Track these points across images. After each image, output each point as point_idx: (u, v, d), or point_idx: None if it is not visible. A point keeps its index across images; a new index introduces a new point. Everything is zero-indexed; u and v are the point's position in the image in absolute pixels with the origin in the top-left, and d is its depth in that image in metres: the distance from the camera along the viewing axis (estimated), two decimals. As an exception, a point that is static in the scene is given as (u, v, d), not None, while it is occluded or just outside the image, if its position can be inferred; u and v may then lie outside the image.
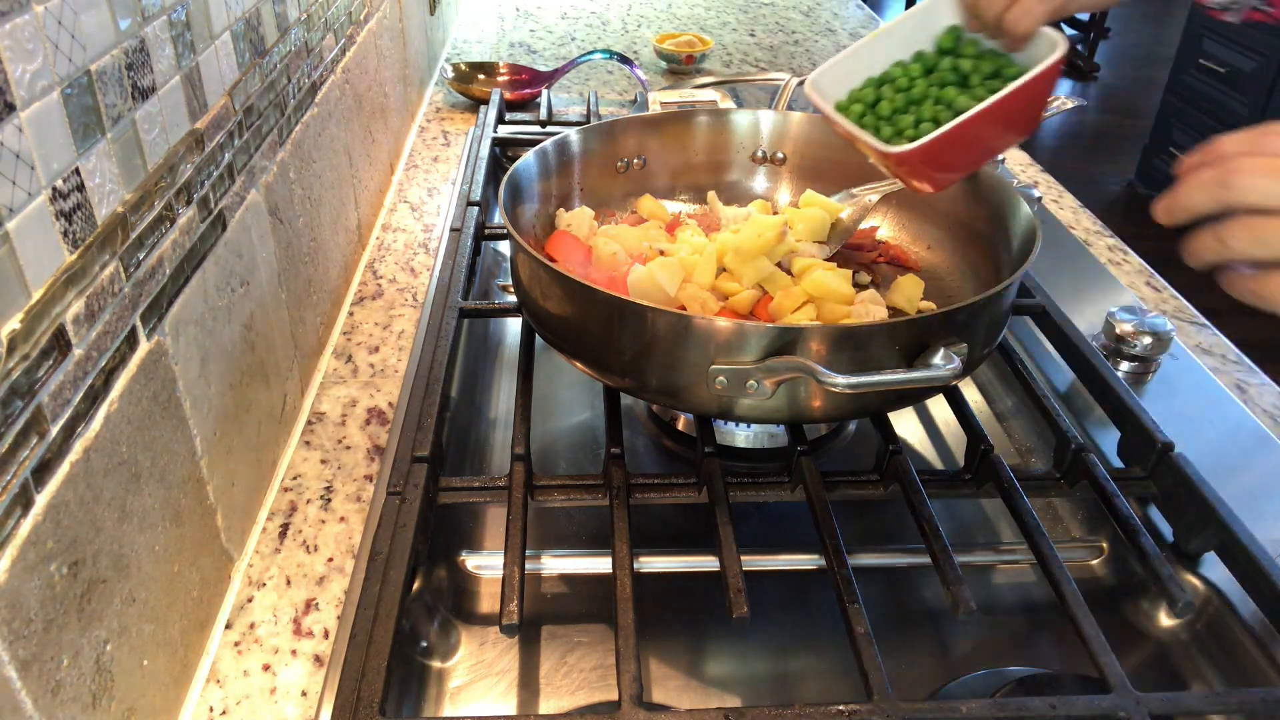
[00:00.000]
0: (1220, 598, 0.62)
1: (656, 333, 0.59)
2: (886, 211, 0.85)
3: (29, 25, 0.39)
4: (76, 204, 0.42)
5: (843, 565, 0.56)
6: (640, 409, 0.81)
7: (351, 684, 0.48)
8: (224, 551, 0.60)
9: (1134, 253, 1.04)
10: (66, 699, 0.41)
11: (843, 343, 0.57)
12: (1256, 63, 2.93)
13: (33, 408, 0.39)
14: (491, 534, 0.69)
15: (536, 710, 0.57)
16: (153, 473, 0.49)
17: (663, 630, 0.62)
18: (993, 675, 0.60)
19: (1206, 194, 0.45)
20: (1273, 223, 0.43)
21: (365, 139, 1.00)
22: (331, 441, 0.73)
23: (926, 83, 0.67)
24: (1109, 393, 0.71)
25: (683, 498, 0.64)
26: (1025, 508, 0.60)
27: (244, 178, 0.64)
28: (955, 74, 0.67)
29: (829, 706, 0.48)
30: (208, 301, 0.57)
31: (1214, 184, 0.45)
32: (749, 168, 0.90)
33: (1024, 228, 0.68)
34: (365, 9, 1.00)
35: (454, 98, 1.40)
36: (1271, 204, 0.43)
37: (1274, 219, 0.43)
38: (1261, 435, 0.75)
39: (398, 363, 0.82)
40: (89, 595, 0.43)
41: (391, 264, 0.97)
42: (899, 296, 0.73)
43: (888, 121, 0.67)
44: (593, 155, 0.84)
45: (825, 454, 0.76)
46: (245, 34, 0.64)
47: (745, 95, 1.38)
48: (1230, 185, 0.44)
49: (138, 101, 0.48)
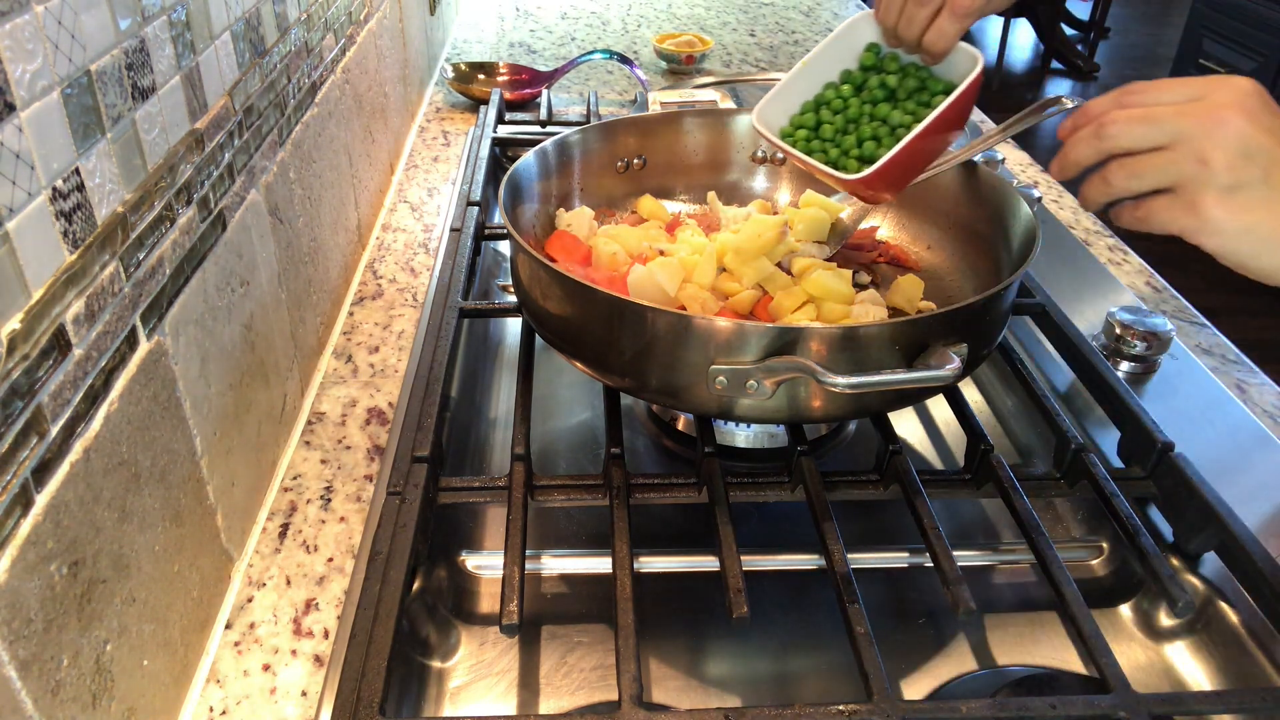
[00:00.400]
0: (1220, 598, 0.62)
1: (656, 333, 0.59)
2: (886, 211, 0.85)
3: (29, 25, 0.39)
4: (76, 204, 0.42)
5: (843, 565, 0.56)
6: (640, 409, 0.81)
7: (351, 684, 0.48)
8: (224, 551, 0.60)
9: (1134, 253, 1.04)
10: (66, 699, 0.41)
11: (843, 343, 0.57)
12: (1256, 63, 2.93)
13: (33, 408, 0.39)
14: (491, 534, 0.69)
15: (536, 710, 0.57)
16: (153, 473, 0.49)
17: (663, 630, 0.62)
18: (993, 675, 0.60)
19: (1087, 147, 0.55)
20: (1141, 160, 0.52)
21: (365, 139, 1.00)
22: (331, 441, 0.73)
23: (859, 101, 0.72)
24: (1109, 393, 0.71)
25: (683, 498, 0.64)
26: (1025, 508, 0.60)
27: (244, 178, 0.64)
28: (884, 90, 0.71)
29: (829, 706, 0.48)
30: (208, 301, 0.57)
31: (1091, 137, 0.54)
32: (749, 168, 0.90)
33: (1024, 228, 0.68)
34: (365, 9, 1.00)
35: (454, 98, 1.40)
36: (1138, 145, 0.52)
37: (1142, 157, 0.52)
38: (1261, 435, 0.75)
39: (398, 363, 0.82)
40: (89, 595, 0.43)
41: (391, 264, 0.97)
42: (899, 296, 0.73)
43: (833, 144, 0.71)
44: (593, 155, 0.84)
45: (825, 454, 0.76)
46: (245, 34, 0.64)
47: (745, 95, 1.38)
48: (1104, 135, 0.54)
49: (138, 101, 0.48)
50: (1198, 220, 0.51)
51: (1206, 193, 0.50)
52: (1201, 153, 0.50)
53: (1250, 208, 0.50)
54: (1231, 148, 0.49)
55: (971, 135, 1.26)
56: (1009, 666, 0.61)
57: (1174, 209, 0.52)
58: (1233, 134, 0.49)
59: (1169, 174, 0.51)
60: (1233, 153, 0.49)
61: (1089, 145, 0.55)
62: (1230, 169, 0.49)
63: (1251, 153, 0.49)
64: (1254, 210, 0.50)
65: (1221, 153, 0.49)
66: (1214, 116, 0.50)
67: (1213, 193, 0.50)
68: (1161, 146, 0.51)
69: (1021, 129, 0.70)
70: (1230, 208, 0.50)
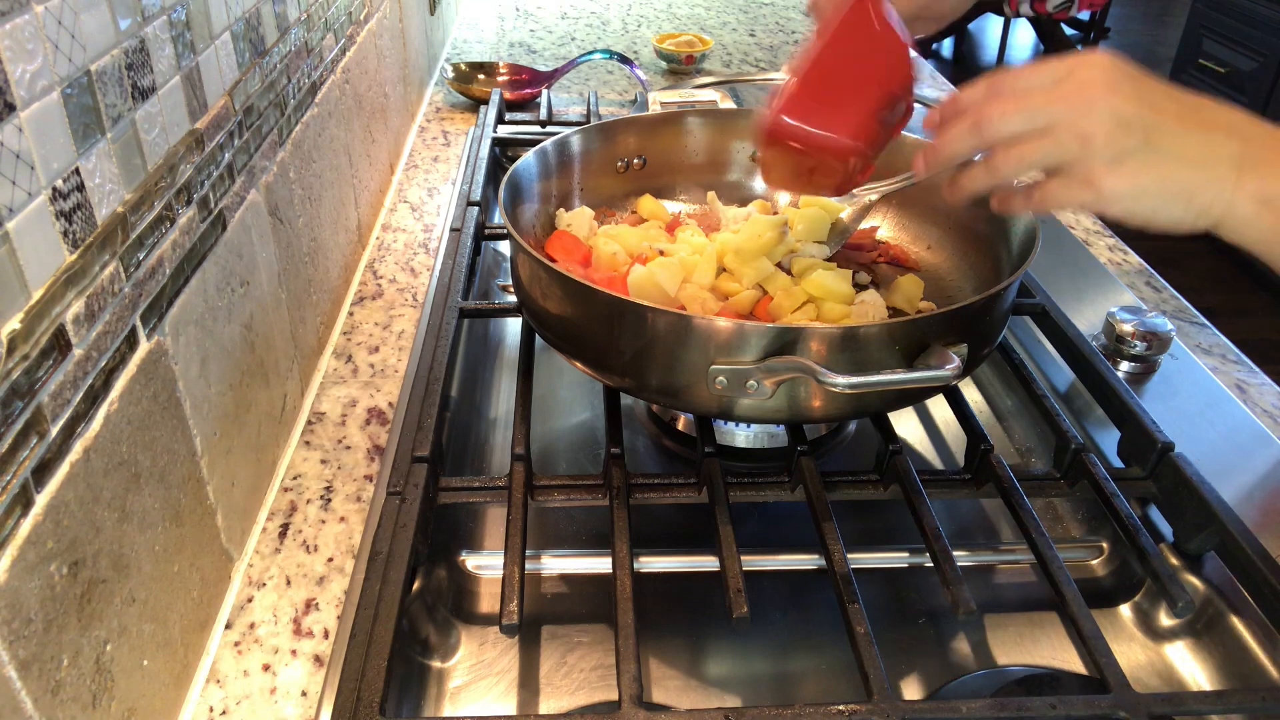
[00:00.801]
0: (1220, 598, 0.62)
1: (656, 333, 0.59)
2: (886, 211, 0.85)
3: (29, 25, 0.39)
4: (76, 204, 0.42)
5: (843, 565, 0.56)
6: (640, 409, 0.81)
7: (351, 684, 0.48)
8: (224, 551, 0.60)
9: (1134, 253, 1.04)
10: (66, 699, 0.41)
11: (843, 343, 0.57)
12: (1257, 63, 2.93)
13: (33, 408, 0.39)
14: (491, 534, 0.69)
15: (536, 710, 0.57)
16: (153, 473, 0.49)
17: (663, 630, 0.62)
18: (993, 675, 0.60)
19: (963, 142, 0.56)
20: (1026, 146, 0.54)
21: (365, 139, 1.00)
22: (331, 441, 0.73)
23: None
24: (1109, 393, 0.71)
25: (683, 498, 0.64)
26: (1025, 508, 0.60)
27: (244, 178, 0.64)
28: None
29: (829, 706, 0.48)
30: (208, 301, 0.57)
31: (968, 132, 0.55)
32: (749, 168, 0.90)
33: (1024, 228, 0.68)
34: (365, 9, 1.00)
35: (454, 98, 1.40)
36: (1017, 133, 0.54)
37: (1027, 144, 0.54)
38: (1261, 435, 0.75)
39: (398, 363, 0.82)
40: (89, 595, 0.43)
41: (391, 264, 0.97)
42: (899, 296, 0.73)
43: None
44: (593, 155, 0.84)
45: (825, 454, 0.76)
46: (245, 34, 0.64)
47: (745, 95, 1.38)
48: (983, 128, 0.55)
49: (138, 101, 0.48)
50: (1094, 193, 0.53)
51: (1095, 166, 0.52)
52: (1081, 132, 0.52)
53: (1139, 170, 0.52)
54: (1107, 122, 0.51)
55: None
56: (1009, 666, 0.61)
57: (1070, 187, 0.54)
58: (1105, 109, 0.51)
59: (1054, 156, 0.53)
60: (1110, 126, 0.51)
61: (966, 139, 0.56)
62: (1111, 141, 0.51)
63: (1127, 122, 0.51)
64: (1143, 172, 0.52)
65: (1099, 128, 0.51)
66: (1083, 95, 0.52)
67: (1101, 165, 0.52)
68: (1040, 131, 0.53)
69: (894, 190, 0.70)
70: (1121, 175, 0.52)
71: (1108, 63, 0.53)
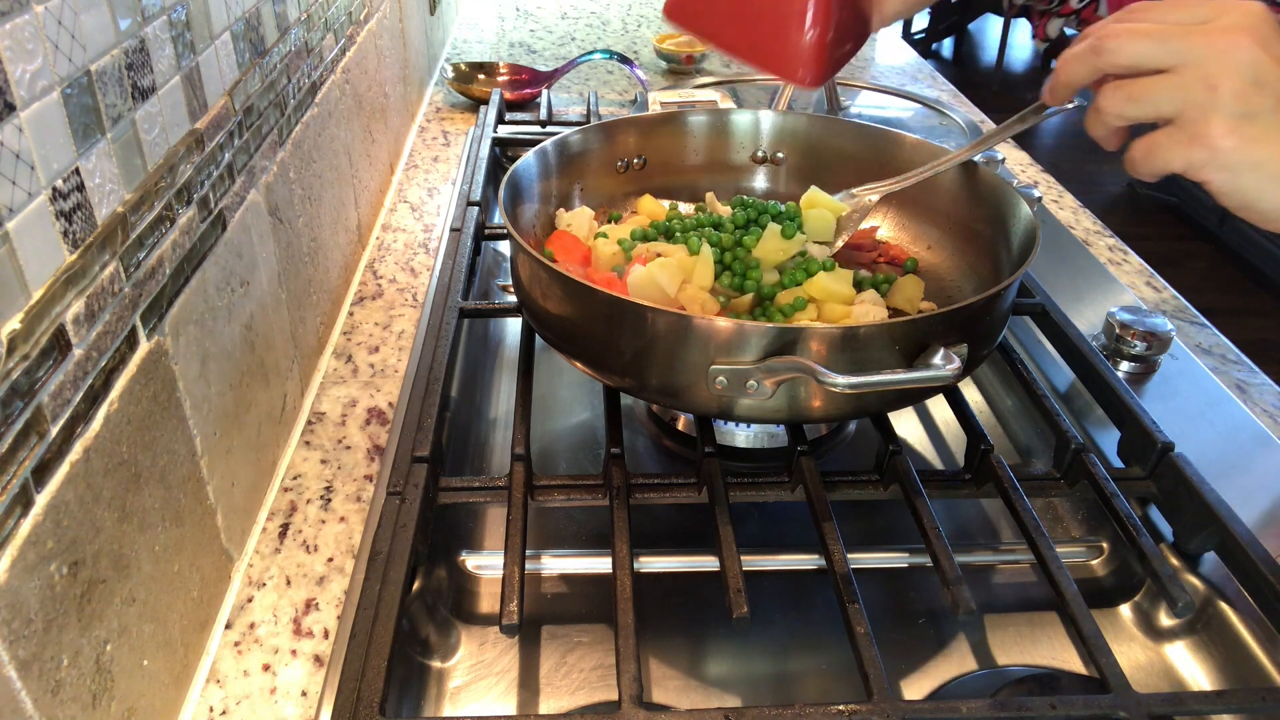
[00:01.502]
0: (1220, 598, 0.62)
1: (656, 333, 0.59)
2: (886, 211, 0.85)
3: (29, 25, 0.39)
4: (76, 204, 0.42)
5: (843, 565, 0.56)
6: (640, 409, 0.81)
7: (351, 684, 0.48)
8: (224, 551, 0.60)
9: (1134, 253, 1.04)
10: (66, 699, 0.41)
11: (843, 343, 0.57)
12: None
13: (33, 408, 0.39)
14: (491, 534, 0.69)
15: (536, 710, 0.57)
16: (153, 473, 0.50)
17: (663, 630, 0.62)
18: (993, 675, 0.60)
19: (1082, 64, 0.51)
20: (1140, 82, 0.49)
21: (365, 139, 1.00)
22: (331, 441, 0.73)
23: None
24: (1109, 393, 0.71)
25: (683, 498, 0.64)
26: (1025, 508, 0.60)
27: (244, 178, 0.64)
28: None
29: (829, 706, 0.48)
30: (208, 301, 0.57)
31: (1088, 53, 0.51)
32: (749, 168, 0.90)
33: (1024, 228, 0.68)
34: (365, 9, 1.00)
35: (454, 98, 1.40)
36: (1140, 64, 0.49)
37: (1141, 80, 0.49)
38: (1261, 435, 0.75)
39: (398, 363, 0.82)
40: (89, 595, 0.43)
41: (391, 264, 0.97)
42: (899, 296, 0.73)
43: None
44: (593, 155, 0.84)
45: (825, 454, 0.76)
46: (245, 34, 0.64)
47: (745, 95, 1.38)
48: (1102, 50, 0.50)
49: (138, 101, 0.48)
50: (1207, 152, 0.47)
51: (1214, 121, 0.46)
52: (1210, 77, 0.46)
53: (1260, 139, 0.46)
54: (1243, 73, 0.46)
55: (972, 135, 1.26)
56: (1009, 666, 0.61)
57: (1179, 143, 0.48)
58: (1245, 59, 0.46)
59: (1172, 100, 0.48)
60: (1244, 79, 0.46)
61: (1084, 62, 0.51)
62: (1240, 96, 0.46)
63: (1264, 80, 0.46)
64: (1264, 142, 0.46)
65: (1232, 78, 0.46)
66: (1225, 39, 0.46)
67: (1221, 121, 0.46)
68: (1165, 69, 0.48)
69: (1021, 129, 0.69)
70: (1240, 137, 0.46)
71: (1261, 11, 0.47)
